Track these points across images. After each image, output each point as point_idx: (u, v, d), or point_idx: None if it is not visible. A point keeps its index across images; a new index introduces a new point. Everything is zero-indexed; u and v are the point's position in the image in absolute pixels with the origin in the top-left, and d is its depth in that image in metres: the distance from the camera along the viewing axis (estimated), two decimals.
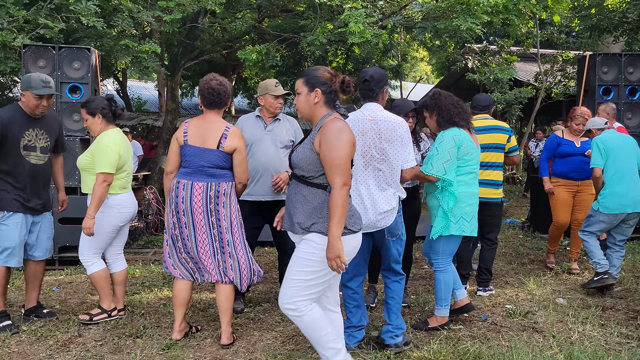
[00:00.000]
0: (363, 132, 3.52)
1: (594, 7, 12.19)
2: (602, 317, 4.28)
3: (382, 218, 3.51)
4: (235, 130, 3.72)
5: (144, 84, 25.09)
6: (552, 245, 5.92)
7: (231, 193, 3.73)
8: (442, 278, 3.98)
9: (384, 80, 3.66)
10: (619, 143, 4.95)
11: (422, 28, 6.66)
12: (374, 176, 3.52)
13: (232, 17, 10.03)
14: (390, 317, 3.69)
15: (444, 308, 4.02)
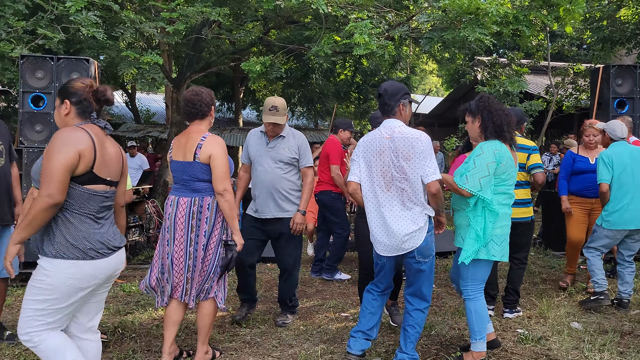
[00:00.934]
0: (380, 151, 3.38)
1: (606, 19, 12.00)
2: (620, 343, 4.02)
3: (410, 239, 3.32)
4: (211, 139, 3.52)
5: (153, 96, 25.09)
6: (570, 266, 5.68)
7: (217, 208, 3.53)
8: (472, 307, 3.58)
9: (400, 94, 3.47)
10: (625, 158, 4.73)
11: (429, 39, 6.48)
12: (398, 196, 3.35)
13: (237, 28, 9.91)
14: (407, 345, 3.46)
15: (479, 341, 3.55)
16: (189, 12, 7.71)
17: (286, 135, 4.45)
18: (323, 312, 4.88)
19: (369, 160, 3.43)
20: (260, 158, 4.41)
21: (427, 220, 3.36)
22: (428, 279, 3.46)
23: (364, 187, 3.47)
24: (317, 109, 17.78)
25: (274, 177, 4.36)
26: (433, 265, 3.49)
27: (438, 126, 23.07)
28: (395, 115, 3.47)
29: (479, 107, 3.65)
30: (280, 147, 4.40)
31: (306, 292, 5.67)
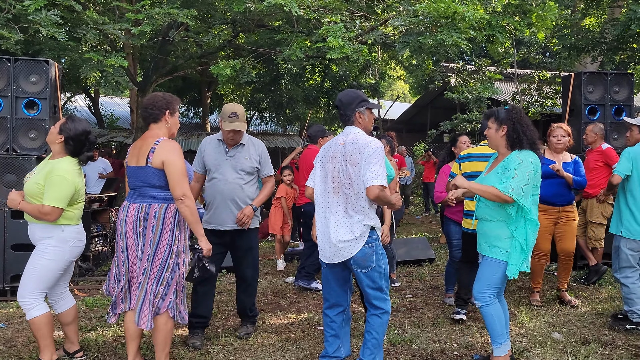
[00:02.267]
0: (333, 156, 3.46)
1: (572, 27, 12.19)
2: (603, 354, 3.94)
3: (345, 247, 3.34)
4: (164, 144, 3.39)
5: (117, 100, 24.50)
6: (535, 282, 5.37)
7: (165, 216, 3.39)
8: (493, 312, 3.54)
9: (355, 102, 3.50)
10: None
11: (404, 43, 6.38)
12: (343, 202, 3.39)
13: (205, 31, 9.65)
14: (364, 352, 3.44)
15: (503, 345, 3.54)
16: (155, 13, 7.44)
17: (246, 144, 4.28)
18: (299, 326, 4.69)
19: (325, 165, 3.50)
20: (220, 167, 4.19)
21: (366, 232, 3.34)
22: (372, 290, 3.40)
23: (316, 191, 3.53)
24: (286, 115, 17.58)
25: (234, 187, 4.18)
26: (375, 277, 3.39)
27: (406, 132, 23.18)
28: (354, 123, 3.50)
29: (509, 117, 3.59)
30: (241, 156, 4.22)
31: (280, 304, 5.46)
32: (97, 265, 7.29)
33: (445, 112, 17.72)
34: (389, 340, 4.22)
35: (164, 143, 3.40)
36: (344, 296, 3.59)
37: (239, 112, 4.13)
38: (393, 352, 4.02)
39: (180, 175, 3.35)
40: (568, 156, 5.31)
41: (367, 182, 3.26)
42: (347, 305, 3.62)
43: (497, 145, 3.68)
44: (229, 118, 4.10)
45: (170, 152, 3.36)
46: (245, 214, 4.14)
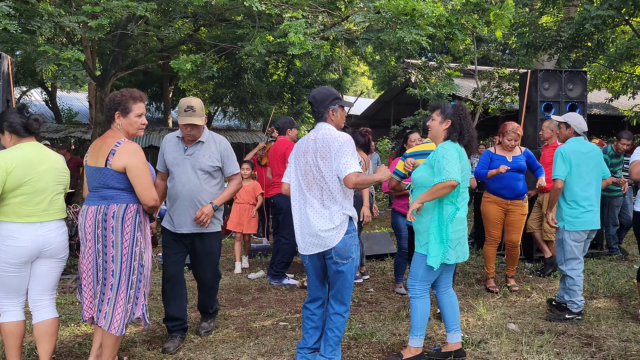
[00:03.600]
0: (305, 152, 3.52)
1: (530, 26, 12.49)
2: (556, 344, 4.08)
3: (327, 236, 3.39)
4: (125, 147, 3.29)
5: (75, 94, 23.88)
6: (489, 268, 5.65)
7: (124, 217, 3.30)
8: (419, 305, 3.69)
9: (328, 100, 3.54)
10: (581, 155, 4.64)
11: (365, 39, 6.41)
12: (319, 195, 3.45)
13: (166, 25, 9.49)
14: (326, 348, 3.50)
15: (419, 337, 3.69)
16: (113, 6, 7.27)
17: (205, 141, 4.02)
18: (260, 322, 4.69)
19: (298, 161, 3.57)
20: (178, 166, 3.98)
21: (345, 221, 3.43)
22: (348, 283, 3.48)
23: (292, 186, 3.60)
24: (250, 110, 17.46)
25: (193, 187, 3.95)
26: (353, 269, 3.48)
27: (370, 127, 23.27)
28: (326, 120, 3.55)
29: (455, 113, 3.71)
30: (200, 154, 3.98)
31: (242, 300, 5.44)
32: None
33: (409, 108, 17.91)
34: (350, 335, 4.26)
35: (124, 146, 3.28)
36: (323, 289, 3.65)
37: (196, 106, 3.91)
38: (354, 346, 4.06)
39: (145, 181, 3.29)
40: (517, 150, 5.59)
41: (341, 174, 3.33)
42: (325, 298, 3.67)
43: (436, 136, 3.78)
44: (185, 112, 3.89)
45: (132, 157, 3.26)
46: (204, 213, 3.88)
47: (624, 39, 14.54)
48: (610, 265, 6.73)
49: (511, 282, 5.70)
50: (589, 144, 4.77)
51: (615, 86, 15.84)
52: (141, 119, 3.44)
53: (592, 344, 4.07)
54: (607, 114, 17.57)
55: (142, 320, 3.44)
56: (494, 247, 5.62)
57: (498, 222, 5.53)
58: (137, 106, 3.41)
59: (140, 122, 3.44)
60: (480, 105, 13.59)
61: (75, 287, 5.97)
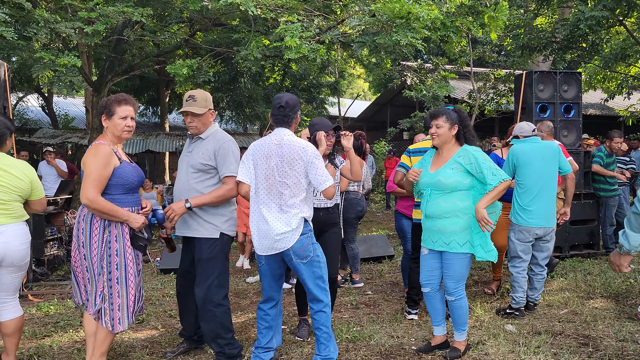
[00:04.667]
0: (267, 155, 3.55)
1: (525, 27, 12.55)
2: (553, 344, 4.09)
3: (282, 239, 3.47)
4: (92, 147, 3.47)
5: (72, 100, 23.87)
6: (495, 272, 5.66)
7: (92, 220, 3.39)
8: (464, 305, 3.87)
9: (298, 106, 3.69)
10: (533, 154, 4.75)
11: (361, 43, 6.44)
12: (277, 199, 3.51)
13: (161, 30, 9.51)
14: (319, 347, 3.61)
15: (465, 332, 3.92)
16: (108, 12, 7.30)
17: (205, 138, 3.76)
18: None
19: (257, 163, 3.57)
20: (180, 164, 3.89)
21: (302, 223, 3.51)
22: (314, 281, 3.56)
23: (251, 188, 3.60)
24: (246, 114, 17.49)
25: (182, 185, 3.74)
26: (316, 267, 3.55)
27: (367, 130, 23.36)
28: (290, 126, 3.65)
29: (461, 118, 3.88)
30: (196, 151, 3.74)
31: (240, 305, 5.46)
32: (52, 270, 7.12)
33: (405, 110, 17.97)
34: (348, 337, 4.27)
35: (91, 146, 3.46)
36: (278, 291, 3.73)
37: (197, 95, 3.75)
38: (352, 349, 4.07)
39: (88, 178, 3.31)
40: None
41: (320, 187, 3.49)
42: (279, 299, 3.78)
43: (446, 141, 3.87)
44: (186, 101, 3.76)
45: (90, 155, 3.38)
46: (172, 209, 3.61)
47: (618, 40, 14.62)
48: (607, 265, 6.75)
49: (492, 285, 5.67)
50: (538, 143, 4.85)
51: (611, 86, 15.93)
52: (125, 121, 3.46)
53: (589, 344, 4.08)
54: (602, 114, 17.65)
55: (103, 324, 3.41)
56: (501, 255, 5.53)
57: (504, 228, 5.38)
58: (121, 109, 3.45)
59: (125, 124, 3.45)
60: (476, 106, 13.66)
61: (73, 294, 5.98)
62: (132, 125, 3.50)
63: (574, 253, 7.14)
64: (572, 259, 6.96)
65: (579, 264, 6.76)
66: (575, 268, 6.54)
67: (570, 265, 6.62)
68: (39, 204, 3.56)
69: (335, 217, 4.37)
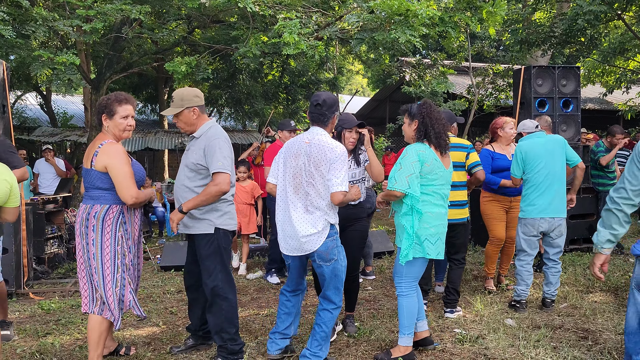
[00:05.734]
0: (297, 154, 3.53)
1: (523, 22, 12.53)
2: (553, 338, 4.12)
3: (308, 241, 3.47)
4: (106, 148, 3.43)
5: (70, 98, 23.82)
6: (490, 268, 5.58)
7: (105, 217, 3.44)
8: (404, 303, 3.71)
9: (335, 106, 3.64)
10: (539, 149, 4.78)
11: (359, 39, 6.44)
12: (303, 199, 3.49)
13: (160, 27, 9.51)
14: (312, 343, 3.59)
15: (407, 336, 3.71)
16: (107, 9, 7.29)
17: (199, 137, 3.72)
18: (260, 322, 4.71)
19: (287, 162, 3.58)
20: (180, 163, 3.90)
21: (327, 226, 3.48)
22: (333, 283, 3.55)
23: (278, 187, 3.62)
24: (245, 110, 17.48)
25: (180, 187, 3.76)
26: (338, 270, 3.54)
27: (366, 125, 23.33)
28: (326, 125, 3.59)
29: (420, 112, 3.74)
30: (192, 150, 3.73)
31: (241, 301, 5.47)
32: (53, 268, 7.13)
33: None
34: (349, 333, 4.29)
35: (105, 147, 3.43)
36: (303, 282, 3.81)
37: (175, 96, 3.73)
38: (353, 344, 4.09)
39: (122, 180, 3.38)
40: (514, 147, 5.52)
41: (332, 188, 3.40)
42: (304, 288, 3.83)
43: (409, 138, 3.84)
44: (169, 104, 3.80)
45: (112, 158, 3.38)
46: (171, 219, 3.64)
47: (616, 34, 14.61)
48: None
49: (504, 281, 5.71)
50: (543, 138, 4.88)
51: (609, 81, 15.92)
52: (127, 120, 3.52)
53: (589, 338, 4.11)
54: (601, 108, 17.65)
55: (135, 311, 3.53)
56: (497, 247, 5.52)
57: (501, 221, 5.46)
58: (122, 108, 3.50)
59: (127, 123, 3.52)
60: (475, 102, 13.66)
61: (74, 290, 6.00)
62: (132, 124, 3.58)
63: (573, 247, 7.15)
64: (572, 253, 6.98)
65: (578, 258, 6.78)
66: (575, 262, 6.56)
67: (569, 260, 6.64)
68: (12, 213, 3.15)
69: (360, 213, 4.31)
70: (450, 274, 4.79)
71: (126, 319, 4.88)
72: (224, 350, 3.69)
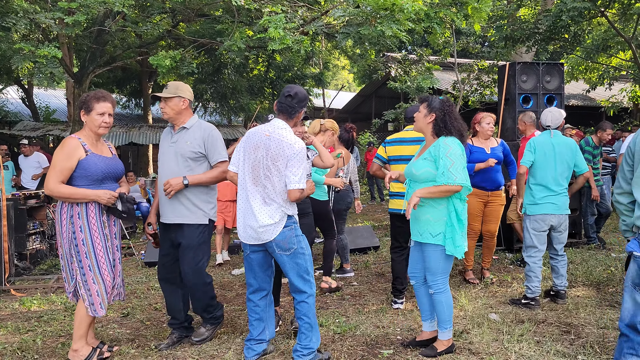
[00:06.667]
0: (256, 146, 3.53)
1: (508, 18, 12.60)
2: (536, 332, 4.15)
3: (265, 231, 3.48)
4: (63, 141, 3.64)
5: (53, 92, 23.49)
6: (468, 260, 5.69)
7: (61, 211, 3.60)
8: (444, 299, 3.70)
9: (305, 102, 3.65)
10: (550, 150, 4.81)
11: (345, 34, 6.42)
12: (261, 191, 3.51)
13: (144, 20, 9.39)
14: (300, 337, 3.60)
15: (448, 330, 3.73)
16: (89, 2, 7.18)
17: (190, 127, 3.91)
18: (244, 318, 4.69)
19: (246, 152, 3.58)
20: (164, 155, 3.96)
21: (284, 217, 3.51)
22: (296, 271, 3.55)
23: (239, 176, 3.62)
24: (231, 105, 17.38)
25: (173, 175, 3.84)
26: (299, 258, 3.54)
27: (351, 121, 23.33)
28: (292, 118, 3.60)
29: (442, 108, 3.67)
30: (182, 140, 3.87)
31: (226, 297, 5.45)
32: (35, 264, 7.04)
33: (389, 102, 17.98)
34: (334, 329, 4.29)
35: (63, 140, 3.61)
36: (268, 280, 3.74)
37: (170, 85, 3.93)
38: (338, 340, 4.09)
39: (50, 170, 3.56)
40: (494, 141, 5.68)
41: (290, 185, 3.44)
42: (270, 289, 3.78)
43: (422, 129, 3.77)
44: (166, 89, 3.94)
45: (58, 149, 3.58)
46: (170, 183, 3.77)
47: (600, 31, 14.75)
48: (588, 254, 6.86)
49: (487, 275, 5.79)
50: (559, 138, 4.90)
51: (593, 77, 16.08)
52: (103, 117, 3.66)
53: (571, 332, 4.15)
54: (584, 104, 17.83)
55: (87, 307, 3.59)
56: (474, 240, 5.68)
57: (479, 215, 5.59)
58: (99, 105, 3.64)
59: (102, 120, 3.66)
60: (460, 97, 13.71)
61: (57, 287, 5.93)
62: (109, 121, 3.71)
63: None
64: None
65: None
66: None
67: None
68: None
69: (306, 208, 4.45)
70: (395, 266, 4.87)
71: (109, 315, 4.84)
72: (211, 319, 4.09)
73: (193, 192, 3.87)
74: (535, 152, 4.83)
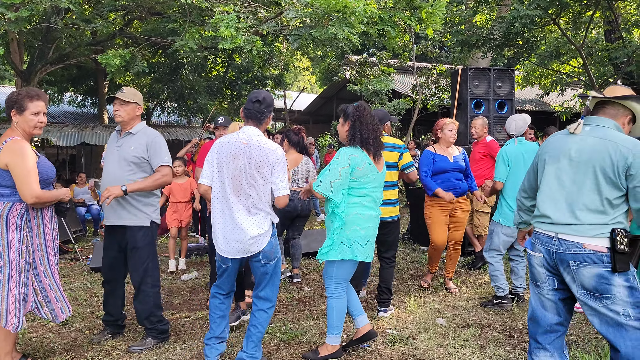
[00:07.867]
0: (235, 156, 3.41)
1: (464, 24, 12.78)
2: (481, 337, 4.16)
3: (255, 242, 3.41)
4: (8, 145, 3.38)
5: (3, 89, 22.67)
6: (432, 266, 5.62)
7: (9, 215, 3.35)
8: (334, 305, 3.69)
9: (272, 106, 3.63)
10: (518, 158, 4.88)
11: (297, 35, 6.35)
12: (244, 201, 3.41)
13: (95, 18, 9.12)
14: (248, 344, 3.55)
15: (335, 336, 3.72)
16: None
17: (136, 133, 4.02)
18: (189, 326, 4.56)
19: (222, 163, 3.44)
20: (108, 158, 4.06)
21: (271, 225, 3.50)
22: (272, 281, 3.57)
23: (214, 189, 3.48)
24: (189, 106, 17.09)
25: (119, 179, 3.90)
26: (278, 268, 3.59)
27: (313, 123, 23.36)
28: (262, 124, 3.55)
29: (353, 114, 3.71)
30: (127, 145, 3.97)
31: (172, 303, 5.30)
32: None
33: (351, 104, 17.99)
34: (280, 336, 4.21)
35: (8, 144, 3.37)
36: (234, 284, 3.74)
37: (127, 89, 4.03)
38: (283, 347, 4.01)
39: (25, 177, 3.31)
40: (456, 149, 5.48)
41: (278, 192, 3.44)
42: (234, 289, 3.76)
43: (343, 139, 3.83)
44: (122, 92, 4.01)
45: (12, 156, 3.33)
46: (109, 190, 3.77)
47: (552, 39, 15.11)
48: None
49: (450, 285, 5.55)
50: (525, 145, 4.95)
51: (547, 83, 16.45)
52: (38, 117, 3.49)
53: (515, 336, 4.18)
54: (539, 109, 18.24)
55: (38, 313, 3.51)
56: (438, 251, 5.46)
57: (444, 224, 5.35)
58: (33, 104, 3.47)
59: (37, 120, 3.50)
60: (419, 101, 13.81)
61: None
62: (44, 121, 3.54)
63: None
64: None
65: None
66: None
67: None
68: None
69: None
70: (382, 273, 4.77)
71: (47, 324, 4.64)
72: (154, 331, 4.02)
73: (134, 196, 3.96)
74: (509, 165, 4.87)
